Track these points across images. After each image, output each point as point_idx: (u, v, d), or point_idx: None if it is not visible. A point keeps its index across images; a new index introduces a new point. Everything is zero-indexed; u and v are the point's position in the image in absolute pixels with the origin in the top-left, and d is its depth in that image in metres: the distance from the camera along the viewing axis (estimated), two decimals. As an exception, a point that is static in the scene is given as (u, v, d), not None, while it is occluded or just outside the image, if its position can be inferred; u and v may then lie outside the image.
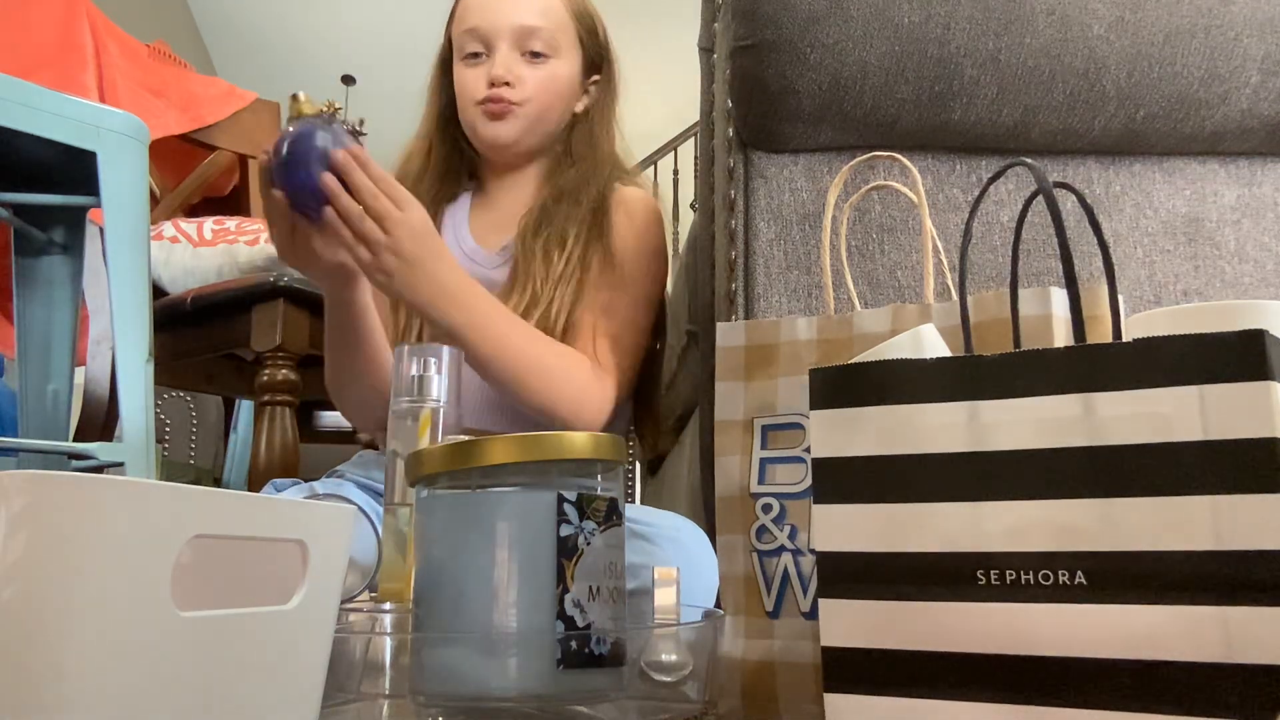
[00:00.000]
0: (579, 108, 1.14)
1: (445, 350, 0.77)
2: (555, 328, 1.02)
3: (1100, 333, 0.56)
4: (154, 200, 1.90)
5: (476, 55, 1.08)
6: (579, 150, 1.12)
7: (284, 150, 0.78)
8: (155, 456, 1.05)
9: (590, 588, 0.54)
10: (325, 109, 0.81)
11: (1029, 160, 0.51)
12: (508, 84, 1.06)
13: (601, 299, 1.04)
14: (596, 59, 1.14)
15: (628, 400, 1.11)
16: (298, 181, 0.78)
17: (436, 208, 1.11)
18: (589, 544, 0.55)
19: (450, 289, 0.90)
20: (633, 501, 2.12)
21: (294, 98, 0.81)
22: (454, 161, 1.15)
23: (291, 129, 0.78)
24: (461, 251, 1.10)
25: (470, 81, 1.08)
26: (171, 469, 2.41)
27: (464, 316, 0.91)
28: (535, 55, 1.07)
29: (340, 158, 0.80)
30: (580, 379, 1.00)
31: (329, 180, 0.79)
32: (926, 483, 0.46)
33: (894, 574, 0.46)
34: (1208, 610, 0.39)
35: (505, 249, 1.09)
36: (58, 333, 1.07)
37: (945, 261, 0.76)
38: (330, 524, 0.45)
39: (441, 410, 0.75)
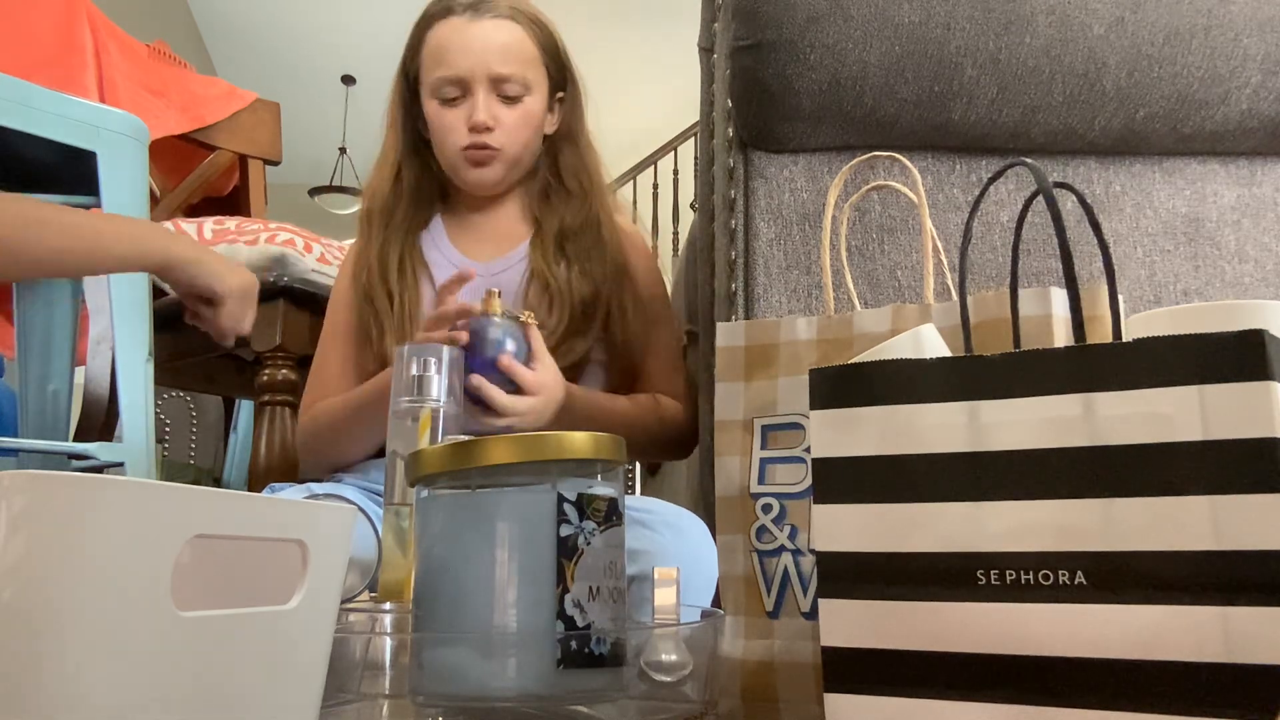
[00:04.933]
0: (549, 129, 1.17)
1: (445, 350, 0.77)
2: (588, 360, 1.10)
3: (1100, 333, 0.56)
4: (154, 200, 1.89)
5: (453, 99, 1.09)
6: (572, 181, 1.16)
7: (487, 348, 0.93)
8: (155, 456, 1.05)
9: (590, 588, 0.54)
10: (524, 318, 0.96)
11: (1029, 160, 0.51)
12: (489, 128, 1.08)
13: (648, 336, 1.14)
14: (561, 80, 1.17)
15: None
16: (473, 368, 0.93)
17: (411, 236, 1.14)
18: (589, 544, 0.55)
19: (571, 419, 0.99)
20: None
21: (494, 295, 0.94)
22: (425, 186, 1.18)
23: (490, 330, 0.94)
24: (450, 263, 1.13)
25: (450, 125, 1.10)
26: (171, 469, 2.41)
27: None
28: (510, 98, 1.10)
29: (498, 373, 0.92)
30: (670, 419, 1.11)
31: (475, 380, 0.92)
32: (926, 483, 0.46)
33: (894, 574, 0.46)
34: (1207, 610, 0.39)
35: (505, 259, 1.13)
36: (58, 333, 1.07)
37: (945, 261, 0.76)
38: (330, 524, 0.45)
39: (441, 410, 0.75)
